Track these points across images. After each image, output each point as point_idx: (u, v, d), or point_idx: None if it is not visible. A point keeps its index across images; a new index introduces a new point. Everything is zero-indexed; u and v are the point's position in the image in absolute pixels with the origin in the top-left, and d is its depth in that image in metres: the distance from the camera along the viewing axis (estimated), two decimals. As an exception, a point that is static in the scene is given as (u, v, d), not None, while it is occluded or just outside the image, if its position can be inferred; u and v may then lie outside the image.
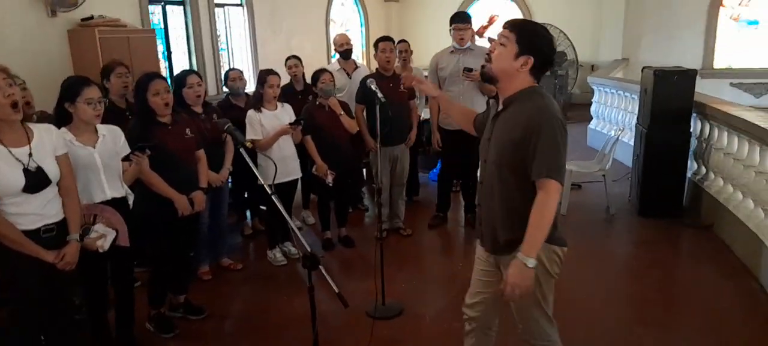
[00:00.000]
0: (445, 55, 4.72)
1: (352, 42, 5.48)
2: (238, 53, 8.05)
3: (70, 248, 2.47)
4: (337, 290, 2.33)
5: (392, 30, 10.99)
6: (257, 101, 4.11)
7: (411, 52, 5.19)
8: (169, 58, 6.93)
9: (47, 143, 2.41)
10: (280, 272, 4.30)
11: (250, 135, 3.98)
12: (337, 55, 5.39)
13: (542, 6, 11.11)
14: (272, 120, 4.08)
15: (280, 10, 8.52)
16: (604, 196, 5.35)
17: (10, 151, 2.27)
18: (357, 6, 10.41)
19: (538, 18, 10.96)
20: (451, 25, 4.62)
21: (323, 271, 2.36)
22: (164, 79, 3.31)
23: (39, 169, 2.34)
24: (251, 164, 2.55)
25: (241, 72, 4.61)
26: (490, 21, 10.41)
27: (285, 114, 4.18)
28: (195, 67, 7.17)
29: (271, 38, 8.44)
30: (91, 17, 5.64)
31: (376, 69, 4.63)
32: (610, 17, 10.93)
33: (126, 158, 2.89)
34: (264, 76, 4.07)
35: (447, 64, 4.68)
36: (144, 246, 3.28)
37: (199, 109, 3.87)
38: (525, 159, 2.00)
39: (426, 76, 4.73)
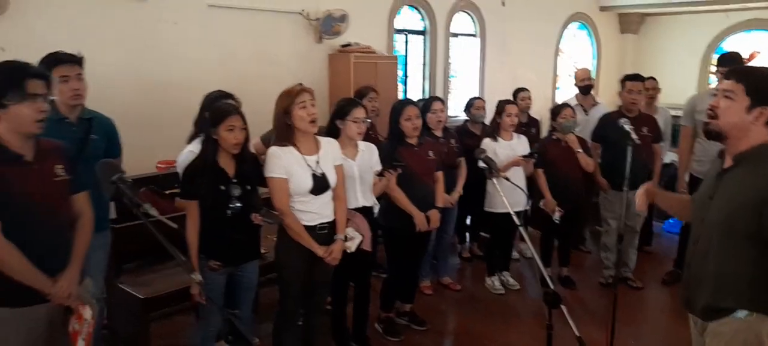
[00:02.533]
0: (705, 97, 4.28)
1: (592, 78, 5.31)
2: (467, 81, 8.35)
3: (337, 245, 2.85)
4: (578, 334, 2.28)
5: (626, 63, 10.29)
6: (494, 130, 4.23)
7: (659, 90, 4.82)
8: (405, 82, 7.53)
9: (330, 154, 2.84)
10: (497, 301, 4.33)
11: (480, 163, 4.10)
12: (577, 90, 5.27)
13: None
14: (507, 150, 4.15)
15: (509, 41, 8.61)
16: None
17: (304, 158, 2.73)
18: (590, 38, 9.99)
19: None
20: (718, 66, 4.20)
21: (565, 311, 2.33)
22: (417, 106, 3.62)
23: (323, 175, 2.76)
24: (501, 194, 2.64)
25: (485, 101, 4.78)
26: (751, 57, 9.08)
27: (520, 145, 4.22)
28: (427, 92, 7.66)
29: (499, 68, 8.57)
30: (349, 44, 6.42)
31: (619, 107, 4.40)
32: None
33: (380, 173, 3.23)
34: (502, 106, 4.18)
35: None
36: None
37: (439, 133, 4.13)
38: (760, 224, 1.80)
39: (675, 117, 4.35)
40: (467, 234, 5.32)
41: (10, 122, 1.95)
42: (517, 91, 5.21)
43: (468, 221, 5.22)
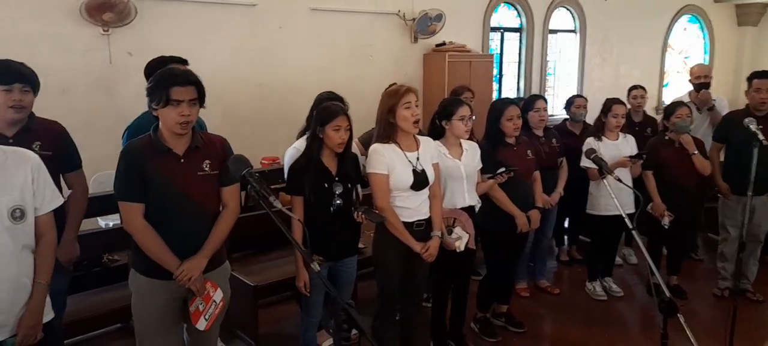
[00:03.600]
0: None
1: (711, 75, 4.94)
2: (564, 79, 8.08)
3: (434, 242, 2.87)
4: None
5: (744, 59, 9.48)
6: (598, 129, 4.06)
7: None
8: (499, 81, 7.41)
9: (428, 152, 2.87)
10: (598, 307, 4.15)
11: (584, 162, 3.95)
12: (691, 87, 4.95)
13: None
14: (611, 150, 3.95)
15: (612, 38, 8.23)
16: None
17: (405, 154, 2.78)
18: (703, 32, 9.29)
19: None
20: None
21: (683, 321, 2.20)
22: (518, 105, 3.55)
23: (423, 171, 2.80)
24: (613, 196, 2.53)
25: (587, 99, 4.60)
26: None
27: (626, 145, 4.02)
28: (522, 91, 7.50)
29: (599, 65, 8.22)
30: (443, 43, 6.43)
31: (746, 105, 4.05)
32: None
33: (491, 176, 3.21)
34: (609, 105, 3.99)
35: None
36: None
37: (540, 132, 4.03)
38: None
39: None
40: (565, 237, 5.14)
41: (163, 123, 2.19)
42: (631, 89, 4.95)
43: (566, 224, 5.05)
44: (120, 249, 3.72)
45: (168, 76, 2.22)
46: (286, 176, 2.92)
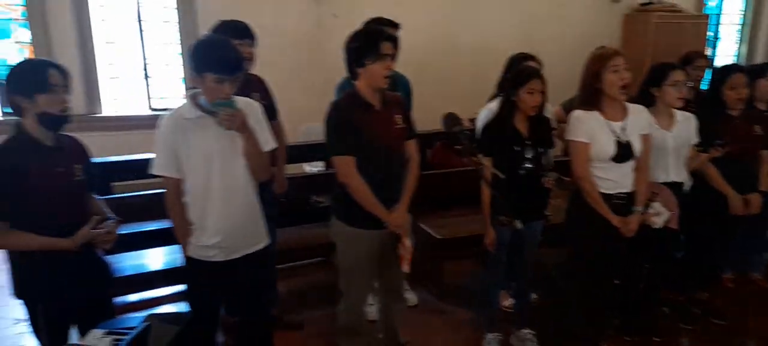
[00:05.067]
0: None
1: None
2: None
3: (634, 217, 2.72)
4: None
5: None
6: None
7: None
8: (714, 45, 6.55)
9: (638, 122, 2.70)
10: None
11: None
12: None
13: None
14: None
15: None
16: None
17: (608, 123, 2.66)
18: None
19: None
20: None
21: None
22: (746, 74, 3.14)
23: (628, 143, 2.65)
24: None
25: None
26: None
27: None
28: (742, 57, 6.55)
29: None
30: (650, 2, 5.85)
31: None
32: None
33: (703, 150, 2.93)
34: None
35: None
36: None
37: (763, 106, 3.50)
38: None
39: None
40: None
41: (366, 78, 2.36)
42: None
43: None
44: (324, 192, 4.17)
45: (379, 32, 2.39)
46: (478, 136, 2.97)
